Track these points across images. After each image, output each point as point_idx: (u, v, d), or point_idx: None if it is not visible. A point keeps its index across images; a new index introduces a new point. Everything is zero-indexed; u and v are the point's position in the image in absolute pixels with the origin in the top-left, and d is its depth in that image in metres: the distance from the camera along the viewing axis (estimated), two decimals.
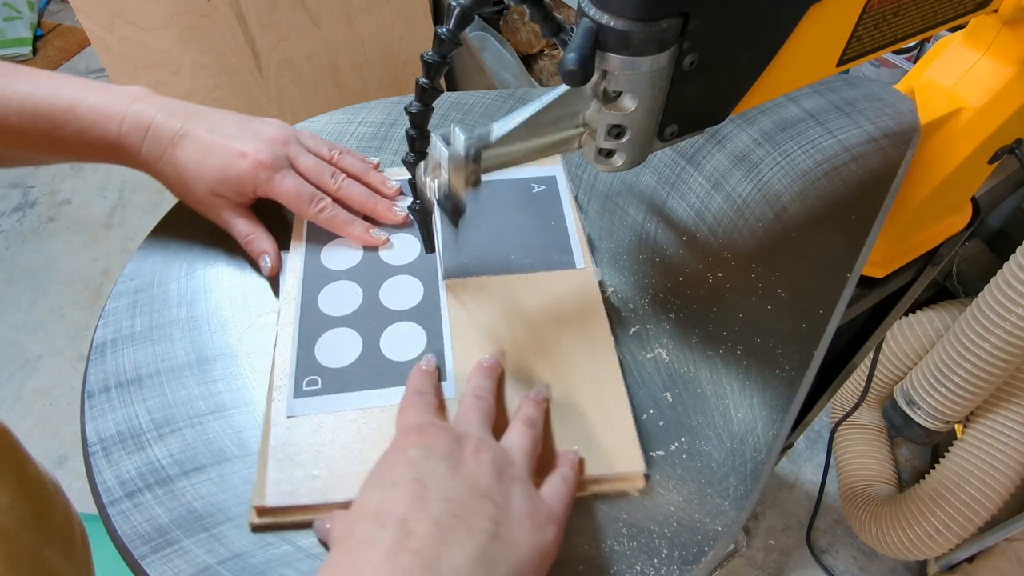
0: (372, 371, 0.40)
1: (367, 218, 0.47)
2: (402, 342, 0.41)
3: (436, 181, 0.35)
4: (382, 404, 0.38)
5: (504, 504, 0.30)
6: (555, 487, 0.33)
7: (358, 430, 0.37)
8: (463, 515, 0.28)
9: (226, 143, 0.43)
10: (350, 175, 0.48)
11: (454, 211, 0.35)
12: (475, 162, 0.33)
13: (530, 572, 0.29)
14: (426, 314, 0.43)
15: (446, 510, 0.28)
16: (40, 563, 0.43)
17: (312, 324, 0.42)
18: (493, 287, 0.44)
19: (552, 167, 0.52)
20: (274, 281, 0.45)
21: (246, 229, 0.45)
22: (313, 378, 0.39)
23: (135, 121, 0.42)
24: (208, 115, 0.44)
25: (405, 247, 0.47)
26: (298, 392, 0.39)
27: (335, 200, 0.46)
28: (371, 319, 0.42)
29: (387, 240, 0.46)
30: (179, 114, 0.43)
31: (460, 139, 0.33)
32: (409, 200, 0.41)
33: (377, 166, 0.51)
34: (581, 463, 0.36)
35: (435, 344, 0.41)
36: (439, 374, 0.40)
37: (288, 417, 0.37)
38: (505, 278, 0.45)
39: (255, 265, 0.46)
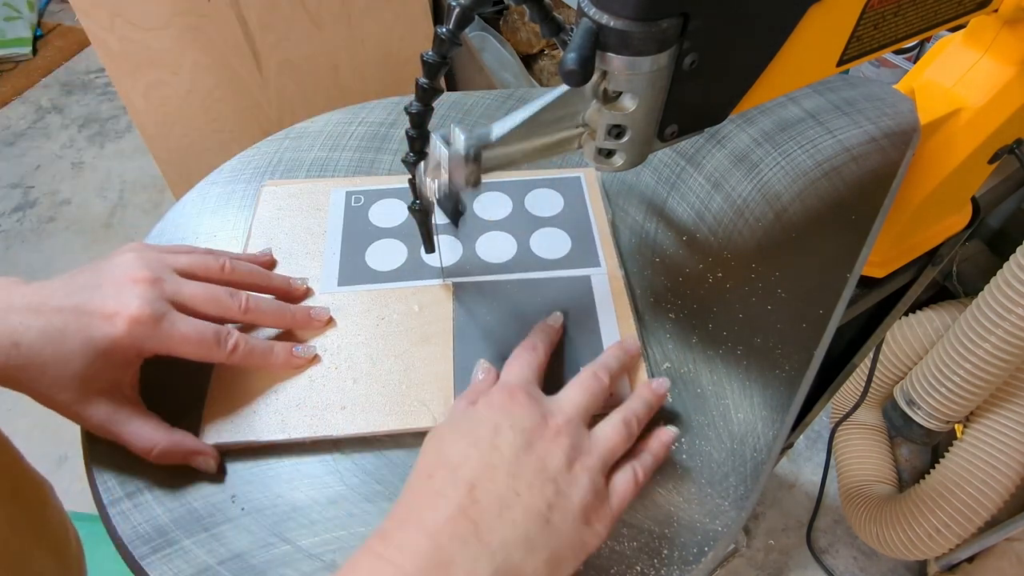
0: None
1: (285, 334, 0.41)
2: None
3: (436, 181, 0.35)
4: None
5: (566, 491, 0.30)
6: (623, 484, 0.33)
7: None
8: (524, 493, 0.29)
9: (85, 309, 0.34)
10: (248, 285, 0.41)
11: (454, 211, 0.35)
12: (475, 162, 0.33)
13: (567, 560, 0.29)
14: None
15: (510, 485, 0.30)
16: (29, 564, 0.43)
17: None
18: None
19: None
20: None
21: (150, 434, 0.35)
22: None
23: None
24: (48, 286, 0.35)
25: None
26: None
27: (245, 322, 0.40)
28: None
29: (316, 356, 0.40)
30: (13, 296, 0.33)
31: (460, 139, 0.33)
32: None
33: (271, 263, 0.45)
34: (667, 447, 0.36)
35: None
36: (562, 332, 0.41)
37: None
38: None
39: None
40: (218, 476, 0.36)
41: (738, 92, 0.34)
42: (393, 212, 0.49)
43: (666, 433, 0.37)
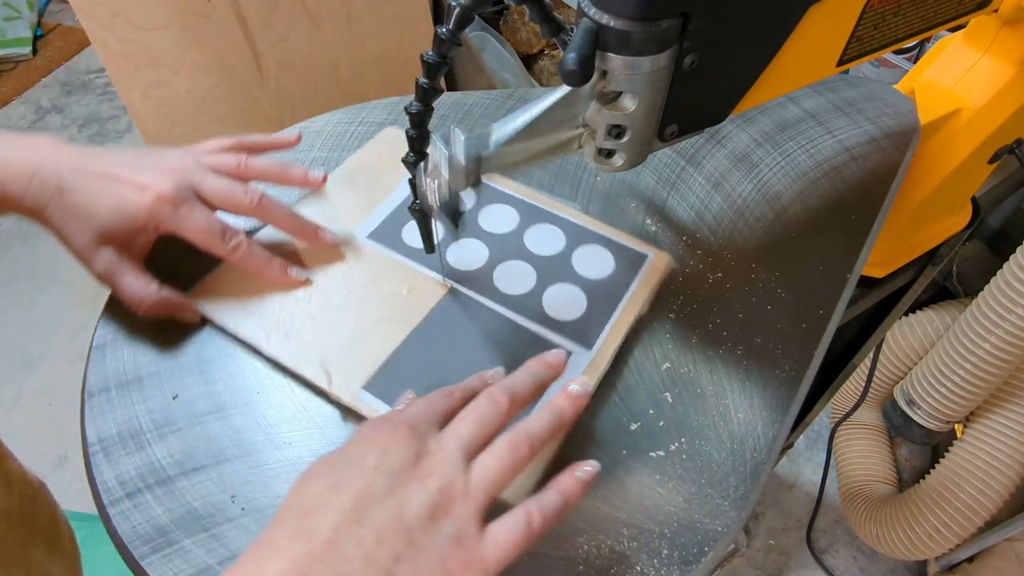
0: None
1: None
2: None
3: (436, 182, 0.35)
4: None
5: (421, 541, 0.27)
6: (507, 532, 0.29)
7: None
8: (370, 545, 0.27)
9: (121, 177, 0.39)
10: (268, 178, 0.45)
11: (454, 213, 0.35)
12: (475, 164, 0.33)
13: None
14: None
15: (356, 536, 0.27)
16: (28, 562, 0.43)
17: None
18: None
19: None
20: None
21: (143, 288, 0.40)
22: None
23: (18, 168, 0.38)
24: (100, 152, 0.41)
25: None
26: None
27: (256, 216, 0.43)
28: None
29: (308, 280, 0.44)
30: (65, 154, 0.40)
31: (460, 141, 0.33)
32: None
33: (325, 180, 0.48)
34: (585, 486, 0.32)
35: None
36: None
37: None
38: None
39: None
40: (218, 477, 0.36)
41: (738, 92, 0.34)
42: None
43: (586, 468, 0.32)
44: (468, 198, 0.41)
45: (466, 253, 0.46)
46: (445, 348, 0.41)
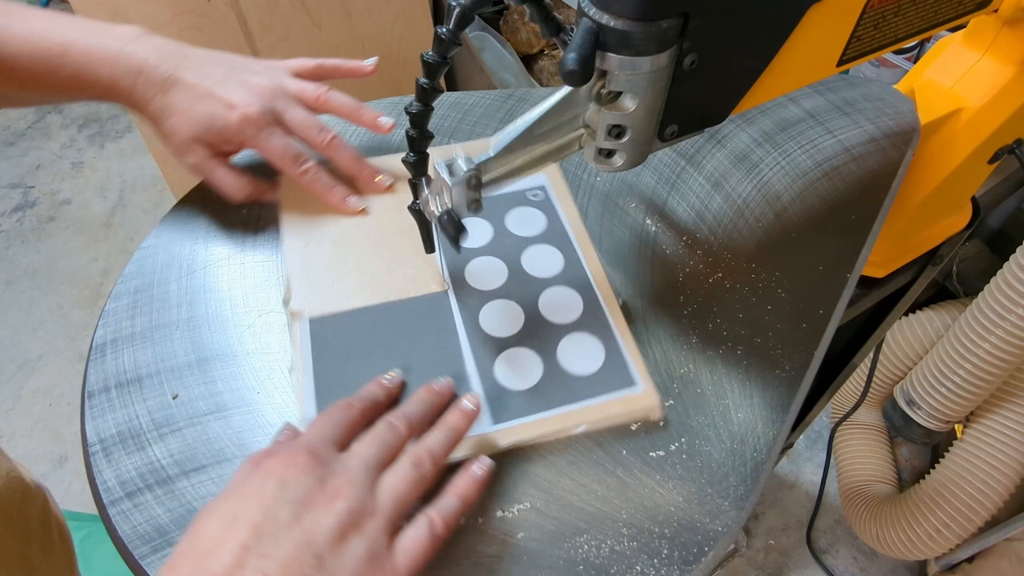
0: None
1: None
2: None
3: (438, 198, 0.35)
4: None
5: (332, 565, 0.27)
6: (413, 541, 0.30)
7: None
8: (276, 575, 0.26)
9: (216, 92, 0.43)
10: (342, 114, 0.48)
11: (456, 235, 0.34)
12: (476, 190, 0.33)
13: None
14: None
15: (260, 569, 0.26)
16: (26, 561, 0.43)
17: None
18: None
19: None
20: (269, 286, 0.45)
21: (237, 179, 0.46)
22: None
23: (127, 65, 0.42)
24: (199, 59, 0.44)
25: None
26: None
27: (325, 154, 0.47)
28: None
29: (364, 209, 0.47)
30: (170, 58, 0.43)
31: (461, 168, 0.32)
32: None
33: (392, 128, 0.49)
34: (480, 484, 0.33)
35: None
36: (399, 392, 0.38)
37: None
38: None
39: (255, 265, 0.46)
40: (218, 477, 0.36)
41: (738, 92, 0.34)
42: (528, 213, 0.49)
43: (479, 465, 0.34)
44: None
45: (484, 269, 0.45)
46: (397, 334, 0.42)
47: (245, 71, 0.45)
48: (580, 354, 0.41)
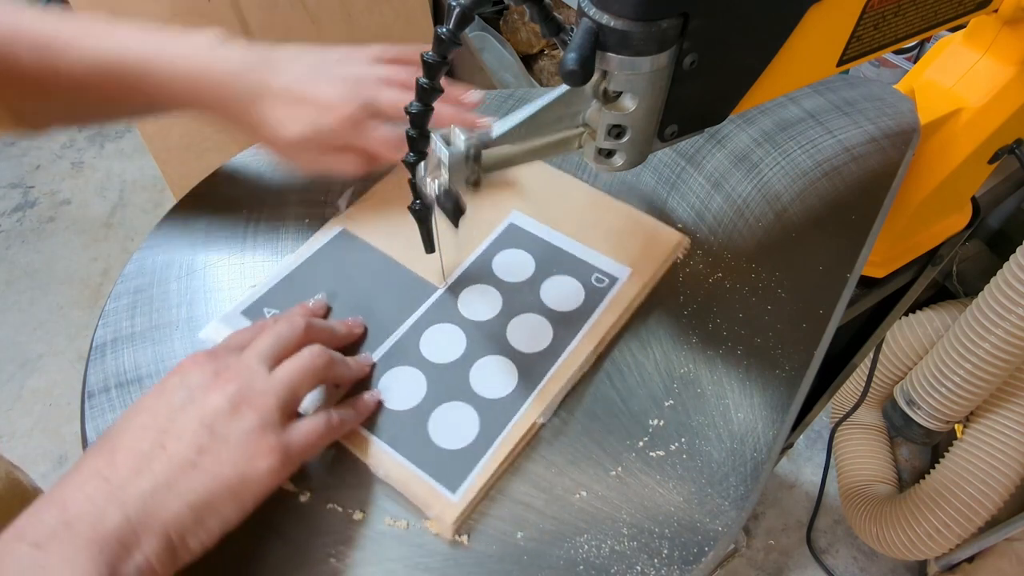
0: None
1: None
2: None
3: (436, 181, 0.35)
4: None
5: (223, 432, 0.30)
6: (309, 425, 0.33)
7: None
8: (171, 445, 0.30)
9: (308, 95, 0.42)
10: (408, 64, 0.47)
11: (454, 211, 0.35)
12: (475, 161, 0.33)
13: (223, 500, 0.30)
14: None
15: (156, 441, 0.30)
16: None
17: None
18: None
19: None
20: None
21: (353, 162, 0.44)
22: None
23: (212, 77, 0.41)
24: (282, 60, 0.43)
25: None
26: None
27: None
28: None
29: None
30: (257, 66, 0.42)
31: (460, 139, 0.33)
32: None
33: (478, 103, 0.48)
34: (372, 407, 0.38)
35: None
36: (322, 316, 0.42)
37: None
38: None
39: (255, 266, 0.46)
40: None
41: (738, 92, 0.34)
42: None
43: (372, 394, 0.38)
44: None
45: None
46: (387, 291, 0.44)
47: (330, 63, 0.44)
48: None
